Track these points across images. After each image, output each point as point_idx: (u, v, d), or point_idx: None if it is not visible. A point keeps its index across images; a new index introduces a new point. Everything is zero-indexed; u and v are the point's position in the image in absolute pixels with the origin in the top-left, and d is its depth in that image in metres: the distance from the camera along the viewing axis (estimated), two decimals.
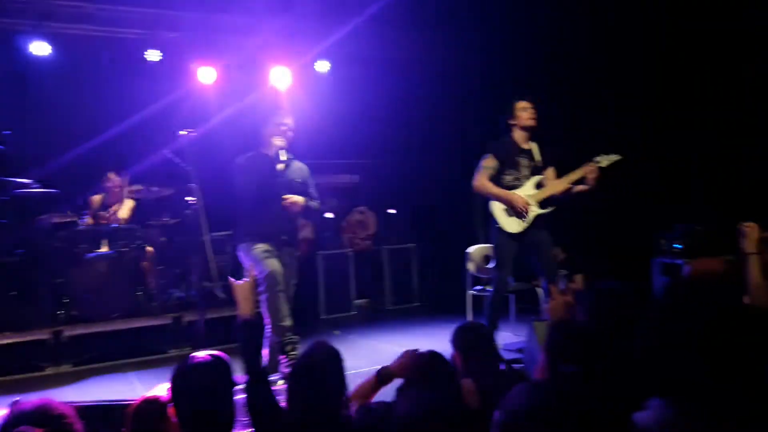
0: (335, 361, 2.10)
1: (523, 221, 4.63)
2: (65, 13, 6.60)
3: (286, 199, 4.27)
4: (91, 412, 2.45)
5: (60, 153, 6.85)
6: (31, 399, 1.74)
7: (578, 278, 6.00)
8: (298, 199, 4.33)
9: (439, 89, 8.20)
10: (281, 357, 4.20)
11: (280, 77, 7.64)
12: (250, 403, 2.12)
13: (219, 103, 7.65)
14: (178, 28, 7.17)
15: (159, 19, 7.05)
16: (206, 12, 7.17)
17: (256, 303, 2.59)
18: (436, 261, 8.11)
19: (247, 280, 2.59)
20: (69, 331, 5.45)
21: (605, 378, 1.78)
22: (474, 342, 2.66)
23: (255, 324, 2.44)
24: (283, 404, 2.11)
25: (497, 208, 4.71)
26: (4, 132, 5.73)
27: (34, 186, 5.84)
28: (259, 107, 7.24)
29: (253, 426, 2.11)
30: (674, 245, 5.30)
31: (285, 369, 4.13)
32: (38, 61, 6.61)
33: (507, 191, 4.65)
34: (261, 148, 4.46)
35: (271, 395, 2.16)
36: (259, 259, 4.23)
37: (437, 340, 2.51)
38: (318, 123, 7.29)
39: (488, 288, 5.33)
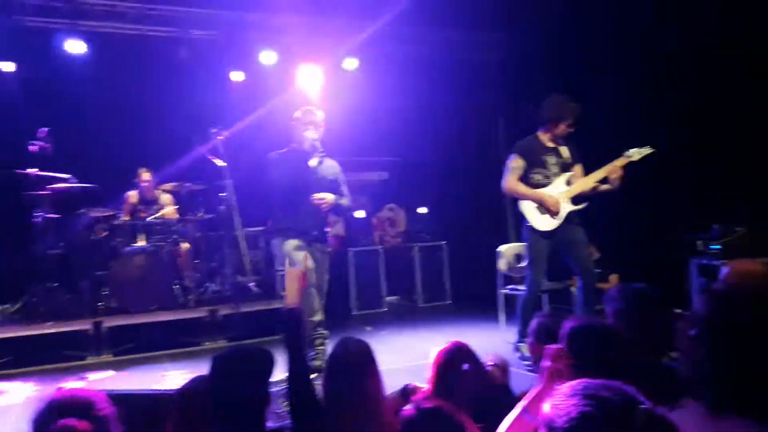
0: (368, 356, 2.12)
1: (555, 219, 4.59)
2: (99, 12, 6.76)
3: (315, 196, 4.32)
4: (129, 401, 2.51)
5: (97, 149, 7.05)
6: (63, 389, 1.79)
7: (613, 278, 5.92)
8: (327, 196, 4.36)
9: (468, 86, 8.16)
10: (310, 351, 4.25)
11: (310, 75, 7.72)
12: (292, 394, 2.14)
13: (251, 102, 7.76)
14: (211, 26, 7.28)
15: (192, 18, 7.18)
16: (239, 11, 7.27)
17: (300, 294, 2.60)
18: (467, 259, 8.08)
19: (300, 268, 2.61)
20: (109, 322, 5.60)
21: (634, 380, 1.76)
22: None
23: (300, 313, 2.45)
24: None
25: (528, 207, 4.68)
26: (43, 129, 5.90)
27: (73, 181, 6.01)
28: (290, 105, 7.33)
29: (291, 417, 2.14)
30: (712, 246, 5.19)
31: (311, 363, 4.18)
32: (74, 59, 6.81)
33: (536, 190, 4.62)
34: (293, 144, 4.52)
35: (311, 388, 2.18)
36: (290, 255, 4.27)
37: (468, 339, 2.49)
38: (347, 121, 7.34)
39: (520, 287, 5.30)
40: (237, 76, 7.57)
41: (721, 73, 5.57)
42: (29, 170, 5.81)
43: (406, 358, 4.80)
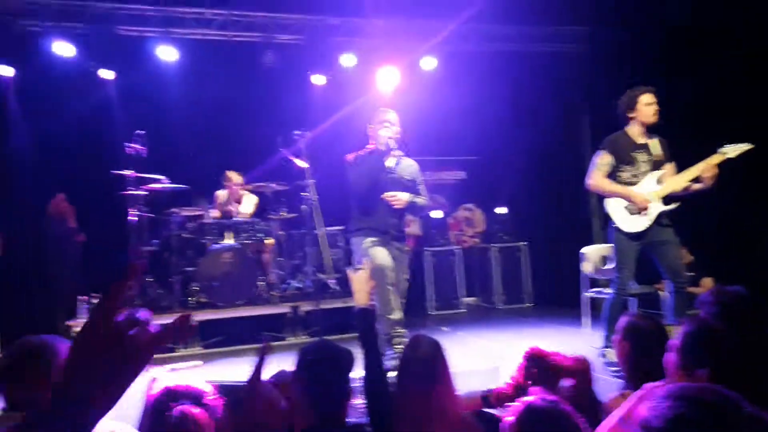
0: (439, 355, 2.10)
1: (644, 219, 4.38)
2: (188, 20, 7.10)
3: (387, 194, 4.30)
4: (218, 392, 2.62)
5: (188, 151, 7.41)
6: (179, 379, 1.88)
7: (707, 282, 5.58)
8: (402, 195, 4.34)
9: (550, 82, 7.94)
10: (388, 350, 4.26)
11: (388, 77, 7.78)
12: (369, 391, 2.16)
13: (332, 104, 7.91)
14: (294, 31, 7.48)
15: (276, 23, 7.40)
16: (321, 15, 7.43)
17: (371, 294, 2.62)
18: (549, 261, 7.87)
19: (363, 270, 2.65)
20: (198, 316, 5.89)
21: (736, 380, 1.66)
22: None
23: (371, 313, 2.48)
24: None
25: (615, 206, 4.49)
26: (139, 132, 6.26)
27: (166, 182, 6.34)
28: (371, 106, 7.41)
29: (369, 414, 2.16)
30: None
31: (389, 362, 4.19)
32: (166, 65, 7.19)
33: (625, 188, 4.43)
34: (370, 144, 4.56)
35: (386, 386, 2.20)
36: (368, 253, 4.31)
37: (549, 343, 2.40)
38: (424, 120, 7.34)
39: (606, 290, 5.09)
40: (318, 79, 7.75)
41: None
42: (125, 171, 6.18)
43: (482, 361, 4.73)
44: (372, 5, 7.36)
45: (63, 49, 6.65)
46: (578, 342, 5.18)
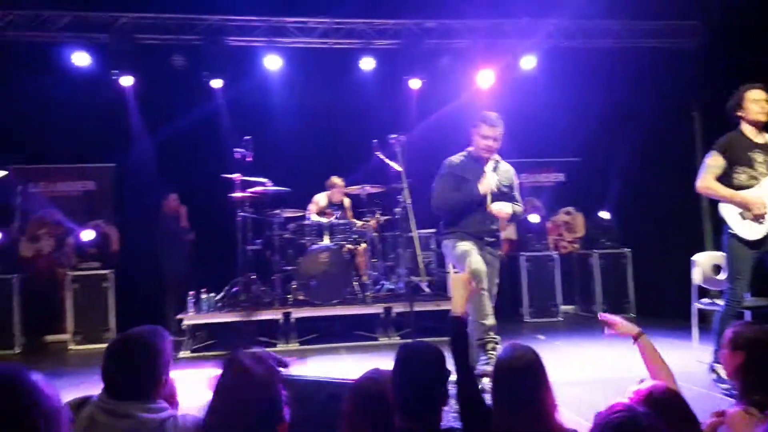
0: (536, 364, 2.04)
1: (762, 225, 4.04)
2: (292, 29, 7.39)
3: (493, 207, 4.23)
4: (312, 387, 2.70)
5: (290, 155, 7.73)
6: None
7: None
8: (504, 208, 4.27)
9: (657, 79, 7.50)
10: (481, 355, 4.22)
11: (486, 78, 7.70)
12: (461, 396, 2.15)
13: (428, 107, 7.95)
14: (392, 36, 7.59)
15: (375, 29, 7.54)
16: (419, 19, 7.48)
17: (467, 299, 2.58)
18: (654, 269, 7.43)
19: (465, 273, 2.61)
20: (296, 313, 6.13)
21: None
22: None
23: (464, 322, 2.44)
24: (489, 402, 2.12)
25: (730, 212, 4.17)
26: (246, 138, 6.62)
27: (270, 185, 6.64)
28: (467, 108, 7.37)
29: (461, 419, 2.14)
30: None
31: (483, 367, 4.14)
32: (271, 73, 7.53)
33: (738, 192, 4.11)
34: (469, 148, 4.50)
35: (478, 391, 2.18)
36: (462, 257, 4.23)
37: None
38: (522, 121, 7.18)
39: (718, 302, 4.74)
40: (414, 83, 7.82)
41: None
42: (233, 175, 6.54)
43: (579, 372, 4.57)
44: (470, 7, 7.33)
45: (177, 60, 7.15)
46: (685, 357, 4.87)
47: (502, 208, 4.25)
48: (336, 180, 7.11)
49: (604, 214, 7.96)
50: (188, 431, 1.80)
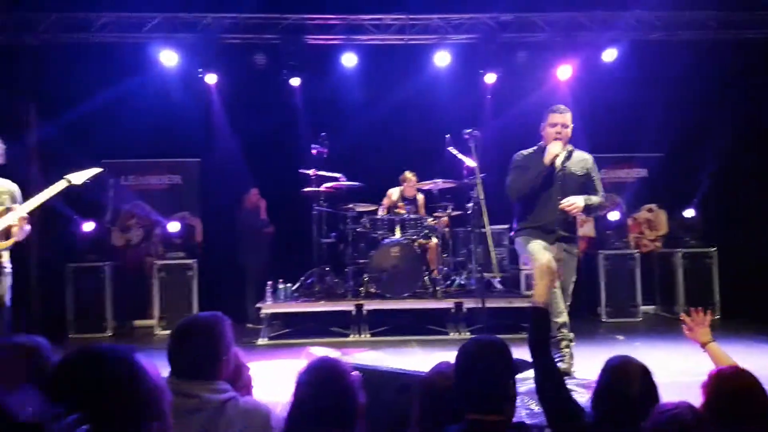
0: (652, 389, 1.98)
1: None
2: (368, 26, 7.48)
3: (563, 202, 4.12)
4: (386, 377, 2.76)
5: (364, 150, 7.85)
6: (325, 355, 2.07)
7: None
8: (576, 202, 4.12)
9: (747, 69, 7.06)
10: (554, 352, 4.14)
11: (564, 71, 7.52)
12: (542, 395, 2.10)
13: (504, 102, 7.85)
14: (468, 30, 7.53)
15: (451, 24, 7.51)
16: (495, 12, 7.38)
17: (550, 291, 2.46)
18: (743, 269, 7.03)
19: (550, 262, 2.48)
20: (368, 305, 6.25)
21: None
22: None
23: (546, 313, 2.35)
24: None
25: None
26: (322, 134, 6.79)
27: (344, 180, 6.78)
28: (544, 103, 7.23)
29: (547, 419, 2.10)
30: None
31: (558, 365, 4.07)
32: (347, 70, 7.67)
33: None
34: (541, 142, 4.40)
35: (564, 388, 2.11)
36: (534, 254, 4.15)
37: (745, 363, 2.16)
38: (601, 114, 6.96)
39: None
40: (490, 78, 7.74)
41: None
42: (309, 170, 6.72)
43: (659, 374, 4.39)
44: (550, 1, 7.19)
45: (258, 58, 7.41)
46: None
47: (574, 203, 4.11)
48: (408, 175, 7.16)
49: (689, 212, 7.58)
50: (248, 413, 1.87)
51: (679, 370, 4.60)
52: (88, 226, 7.09)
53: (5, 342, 1.70)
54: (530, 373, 2.20)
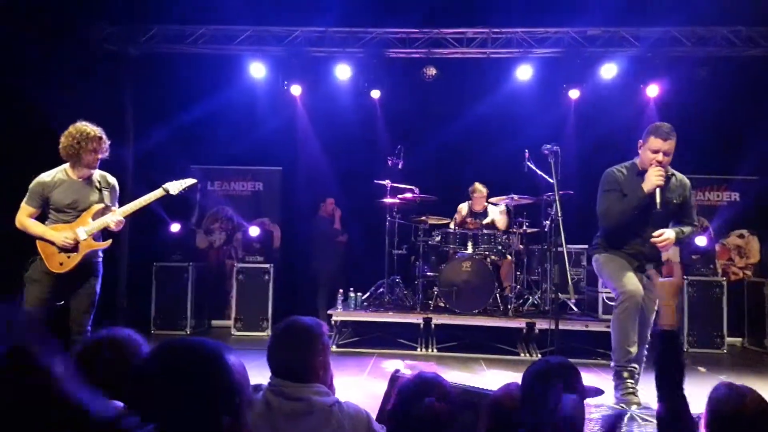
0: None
1: None
2: (450, 40, 7.50)
3: (655, 236, 3.83)
4: (455, 392, 2.75)
5: (440, 164, 7.86)
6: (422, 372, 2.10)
7: None
8: (669, 236, 3.82)
9: None
10: (616, 382, 3.92)
11: (654, 88, 7.26)
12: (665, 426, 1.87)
13: (587, 118, 7.65)
14: (552, 44, 7.41)
15: (535, 38, 7.41)
16: (581, 26, 7.22)
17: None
18: None
19: (676, 279, 2.20)
20: (437, 320, 6.22)
21: None
22: None
23: (677, 336, 2.08)
24: None
25: None
26: (398, 146, 6.88)
27: (417, 192, 6.82)
28: (630, 120, 6.99)
29: None
30: None
31: (618, 395, 3.87)
32: (425, 83, 7.70)
33: None
34: (636, 160, 4.07)
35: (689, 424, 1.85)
36: (617, 275, 3.91)
37: None
38: (693, 134, 6.63)
39: None
40: (574, 93, 7.58)
41: None
42: (384, 182, 6.81)
43: None
44: (636, 13, 6.95)
45: (342, 71, 7.60)
46: None
47: (667, 238, 3.82)
48: (479, 186, 7.08)
49: None
50: (352, 417, 1.92)
51: None
52: (175, 227, 7.46)
53: (105, 336, 1.79)
54: (602, 399, 2.13)
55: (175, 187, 4.09)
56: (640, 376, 3.94)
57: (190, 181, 4.17)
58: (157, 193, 4.02)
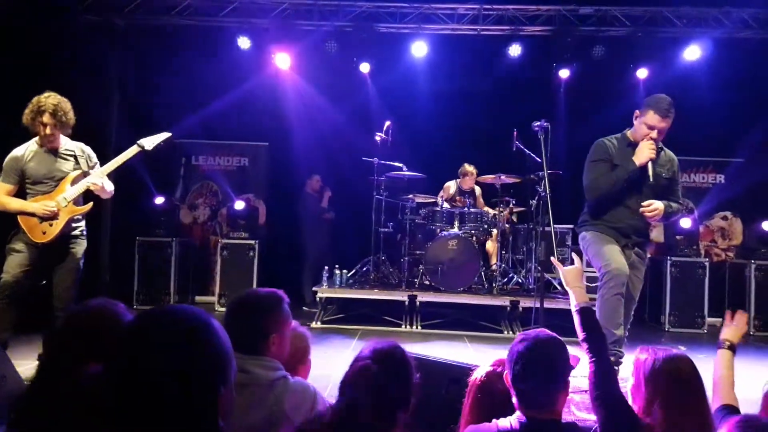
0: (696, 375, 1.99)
1: None
2: (442, 16, 7.40)
3: (645, 207, 3.75)
4: (435, 368, 2.75)
5: (430, 141, 7.81)
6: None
7: None
8: (658, 207, 3.74)
9: None
10: None
11: (642, 68, 7.27)
12: (600, 400, 2.04)
13: (577, 97, 7.63)
14: (543, 22, 7.35)
15: (527, 15, 7.33)
16: (573, 5, 7.16)
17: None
18: None
19: (576, 266, 2.43)
20: (422, 297, 6.23)
21: None
22: None
23: (593, 312, 2.26)
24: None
25: None
26: (387, 122, 6.78)
27: (405, 170, 6.77)
28: (620, 100, 6.98)
29: (600, 424, 2.04)
30: None
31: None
32: (415, 60, 7.65)
33: None
34: (627, 131, 3.95)
35: (618, 391, 2.06)
36: (603, 253, 3.75)
37: None
38: (680, 115, 6.61)
39: None
40: (564, 72, 7.54)
41: None
42: (372, 159, 6.75)
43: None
44: None
45: (330, 45, 7.44)
46: None
47: (657, 208, 3.75)
48: (468, 167, 7.07)
49: (767, 224, 7.17)
50: (295, 393, 1.89)
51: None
52: (159, 200, 7.37)
53: (86, 308, 1.73)
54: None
55: (149, 142, 4.02)
56: (623, 361, 3.80)
57: (164, 135, 4.09)
58: (133, 150, 3.96)
